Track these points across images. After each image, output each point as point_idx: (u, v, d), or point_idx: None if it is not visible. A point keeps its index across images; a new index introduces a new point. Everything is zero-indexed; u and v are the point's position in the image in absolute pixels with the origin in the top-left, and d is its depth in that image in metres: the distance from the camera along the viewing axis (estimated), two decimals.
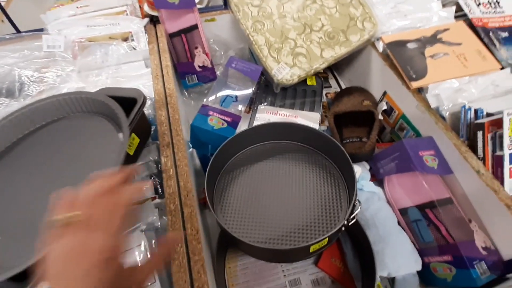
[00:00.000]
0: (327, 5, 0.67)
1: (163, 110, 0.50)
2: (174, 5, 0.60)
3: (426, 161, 0.49)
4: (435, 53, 0.59)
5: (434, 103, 0.52)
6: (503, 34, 0.67)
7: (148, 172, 0.46)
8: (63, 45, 0.56)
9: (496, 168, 0.45)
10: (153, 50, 0.61)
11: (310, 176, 0.50)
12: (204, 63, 0.66)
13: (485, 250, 0.43)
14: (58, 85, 0.55)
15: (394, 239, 0.47)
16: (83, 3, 0.63)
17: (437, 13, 0.66)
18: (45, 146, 0.41)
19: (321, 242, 0.38)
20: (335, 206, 0.45)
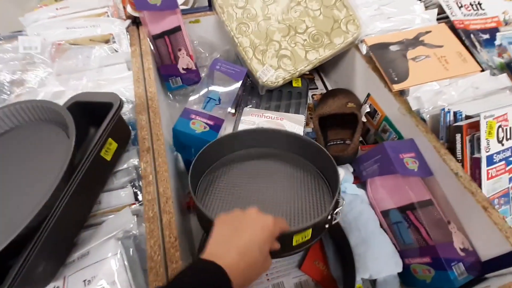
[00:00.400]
0: (311, 7, 0.67)
1: (144, 114, 0.49)
2: (155, 6, 0.59)
3: (407, 163, 0.49)
4: (417, 56, 0.59)
5: (415, 105, 0.53)
6: (484, 36, 0.69)
7: (128, 178, 0.45)
8: (40, 46, 0.55)
9: (474, 170, 0.46)
10: (135, 52, 0.60)
11: (293, 178, 0.50)
12: (188, 65, 0.65)
13: (463, 251, 0.43)
14: (37, 88, 0.53)
15: (376, 242, 0.47)
16: (63, 5, 0.61)
17: (420, 16, 0.67)
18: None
19: (304, 234, 0.37)
20: (319, 203, 0.45)
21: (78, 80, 0.55)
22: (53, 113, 0.40)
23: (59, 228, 0.35)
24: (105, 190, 0.44)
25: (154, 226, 0.37)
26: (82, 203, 0.39)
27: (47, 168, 0.37)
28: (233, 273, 0.26)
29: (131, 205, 0.43)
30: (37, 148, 0.41)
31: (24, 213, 0.31)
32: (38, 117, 0.43)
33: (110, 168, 0.44)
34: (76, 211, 0.38)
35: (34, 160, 0.39)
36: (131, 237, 0.38)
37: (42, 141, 0.41)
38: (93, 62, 0.56)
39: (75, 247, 0.38)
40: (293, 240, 0.37)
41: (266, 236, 0.30)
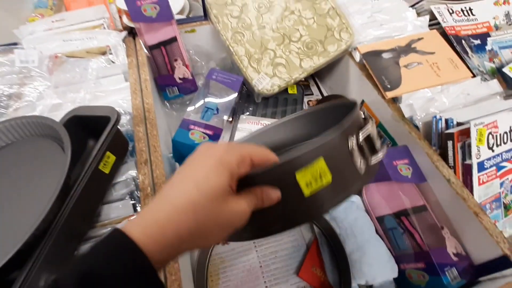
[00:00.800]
0: (305, 16, 0.68)
1: (141, 126, 0.50)
2: (151, 18, 0.60)
3: (400, 170, 0.50)
4: (409, 63, 0.61)
5: (407, 112, 0.54)
6: (475, 42, 0.70)
7: (127, 190, 0.46)
8: (37, 60, 0.55)
9: (466, 176, 0.47)
10: (131, 63, 0.60)
11: None
12: (185, 75, 0.66)
13: (456, 256, 0.44)
14: (35, 102, 0.54)
15: (371, 248, 0.48)
16: (59, 17, 0.62)
17: (412, 22, 0.68)
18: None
19: (314, 169, 0.23)
20: None
21: (76, 92, 0.55)
22: (49, 128, 0.41)
23: (59, 242, 0.35)
24: (104, 202, 0.44)
25: None
26: (81, 216, 0.40)
27: (45, 183, 0.38)
28: (151, 240, 0.19)
29: (130, 216, 0.43)
30: (34, 163, 0.41)
31: (22, 229, 0.32)
32: (35, 132, 0.43)
33: (108, 181, 0.44)
34: (76, 224, 0.39)
35: (31, 175, 0.40)
36: None
37: (39, 156, 0.41)
38: (90, 75, 0.57)
39: None
40: (298, 183, 0.23)
41: (210, 167, 0.21)
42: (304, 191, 0.23)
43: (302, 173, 0.23)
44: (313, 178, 0.23)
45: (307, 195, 0.23)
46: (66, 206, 0.37)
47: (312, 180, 0.23)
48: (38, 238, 0.34)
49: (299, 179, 0.23)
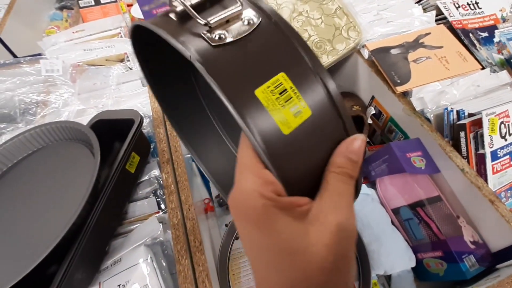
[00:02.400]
0: (313, 17, 0.70)
1: (161, 128, 0.52)
2: None
3: (414, 162, 0.51)
4: (417, 58, 0.62)
5: (418, 106, 0.55)
6: (483, 34, 0.71)
7: (151, 188, 0.48)
8: (61, 69, 0.59)
9: (479, 165, 0.48)
10: None
11: None
12: None
13: (473, 244, 0.45)
14: (60, 108, 0.57)
15: (388, 238, 0.49)
16: (79, 28, 0.65)
17: (419, 18, 0.69)
18: (30, 174, 0.43)
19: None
20: None
21: (98, 98, 0.58)
22: (79, 133, 0.44)
23: (93, 237, 0.38)
24: (130, 201, 0.47)
25: (179, 232, 0.40)
26: (112, 214, 0.42)
27: (77, 183, 0.40)
28: None
29: (155, 213, 0.46)
30: (65, 165, 0.44)
31: (59, 225, 0.34)
32: (64, 137, 0.46)
33: (134, 180, 0.47)
34: (107, 221, 0.41)
35: (63, 176, 0.43)
36: (158, 243, 0.41)
37: (69, 159, 0.44)
38: (111, 81, 0.60)
39: (107, 255, 0.41)
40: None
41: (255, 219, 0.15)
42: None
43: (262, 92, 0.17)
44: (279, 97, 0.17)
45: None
46: (98, 204, 0.39)
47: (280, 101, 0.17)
48: (74, 233, 0.36)
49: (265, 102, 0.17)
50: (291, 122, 0.17)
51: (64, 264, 0.35)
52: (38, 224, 0.38)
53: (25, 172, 0.44)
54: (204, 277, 0.37)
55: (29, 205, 0.40)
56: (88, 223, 0.37)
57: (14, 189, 0.42)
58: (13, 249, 0.36)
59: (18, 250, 0.36)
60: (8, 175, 0.44)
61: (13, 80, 0.60)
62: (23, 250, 0.36)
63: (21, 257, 0.35)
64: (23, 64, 0.62)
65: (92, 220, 0.38)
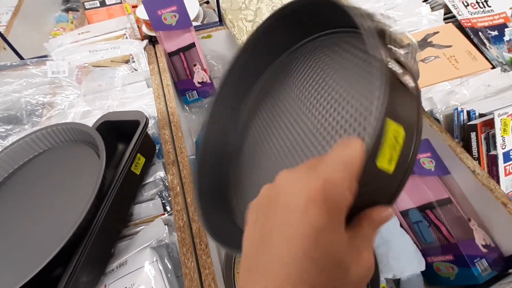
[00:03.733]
0: None
1: (167, 129, 0.52)
2: (171, 26, 0.63)
3: (423, 163, 0.50)
4: (426, 57, 0.61)
5: (427, 106, 0.54)
6: (493, 33, 0.69)
7: (156, 190, 0.48)
8: (67, 70, 0.59)
9: (491, 167, 0.47)
10: (153, 70, 0.63)
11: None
12: (203, 79, 0.68)
13: (485, 247, 0.44)
14: (66, 110, 0.57)
15: (397, 242, 0.48)
16: (84, 30, 0.66)
17: (426, 17, 0.68)
18: (35, 176, 0.43)
19: (391, 135, 0.17)
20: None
21: (104, 99, 0.58)
22: (84, 134, 0.43)
23: (99, 240, 0.37)
24: (135, 202, 0.46)
25: (185, 234, 0.40)
26: (117, 216, 0.42)
27: (83, 185, 0.40)
28: None
29: (160, 215, 0.45)
30: (71, 167, 0.44)
31: (65, 228, 0.34)
32: (70, 138, 0.46)
33: (139, 182, 0.46)
34: (113, 223, 0.41)
35: (69, 178, 0.42)
36: (164, 245, 0.41)
37: (75, 160, 0.44)
38: (117, 82, 0.59)
39: (113, 257, 0.40)
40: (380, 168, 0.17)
41: (317, 219, 0.15)
42: (389, 170, 0.17)
43: (381, 156, 0.16)
44: (391, 149, 0.17)
45: (392, 171, 0.17)
46: (104, 206, 0.39)
47: (391, 152, 0.17)
48: (80, 236, 0.36)
49: (380, 164, 0.16)
50: (391, 164, 0.17)
51: (70, 266, 0.34)
52: (44, 226, 0.38)
53: (31, 174, 0.44)
54: (210, 280, 0.36)
55: (35, 207, 0.40)
56: (93, 225, 0.37)
57: (20, 191, 0.42)
58: (19, 251, 0.36)
59: (24, 252, 0.36)
60: (14, 177, 0.44)
61: (19, 81, 0.60)
62: (29, 253, 0.36)
63: (27, 259, 0.35)
64: (30, 66, 0.62)
65: (97, 222, 0.37)
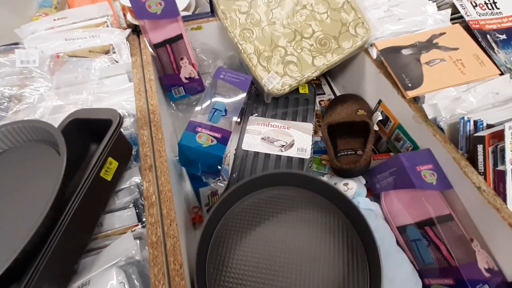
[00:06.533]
0: (318, 11, 0.64)
1: (146, 129, 0.47)
2: (156, 15, 0.57)
3: (424, 176, 0.46)
4: (431, 60, 0.56)
5: (431, 113, 0.50)
6: (501, 36, 0.65)
7: (130, 197, 0.43)
8: (38, 60, 0.53)
9: (498, 183, 0.43)
10: (136, 63, 0.58)
11: (320, 233, 0.45)
12: (191, 74, 0.63)
13: (488, 271, 0.40)
14: (36, 104, 0.52)
15: (393, 261, 0.44)
16: (61, 15, 0.60)
17: (432, 16, 0.64)
18: None
19: None
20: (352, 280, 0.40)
21: (78, 93, 0.53)
22: (45, 133, 0.38)
23: (59, 253, 0.33)
24: (106, 212, 0.42)
25: (158, 252, 0.35)
26: (82, 226, 0.37)
27: (40, 192, 0.35)
28: None
29: (133, 226, 0.41)
30: (31, 170, 0.39)
31: (19, 238, 0.29)
32: (31, 138, 0.40)
33: (111, 188, 0.42)
34: (77, 235, 0.36)
35: (27, 183, 0.37)
36: (133, 263, 0.36)
37: (36, 163, 0.39)
38: (93, 75, 0.54)
39: (75, 275, 0.36)
40: None
41: None
42: None
43: None
44: None
45: None
46: (65, 215, 0.34)
47: None
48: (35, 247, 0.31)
49: None
50: None
51: (23, 282, 0.30)
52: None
53: None
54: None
55: None
56: (51, 238, 0.32)
57: None
58: None
59: None
60: None
61: None
62: None
63: None
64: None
65: (57, 233, 0.33)
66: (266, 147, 0.62)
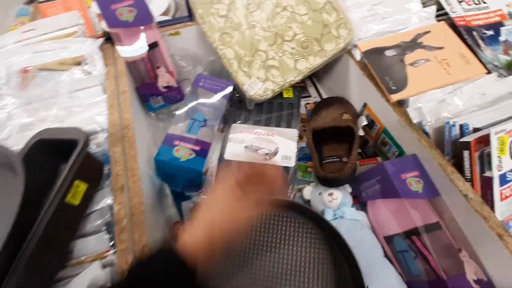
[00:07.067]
0: (299, 12, 0.62)
1: (118, 146, 0.45)
2: (128, 23, 0.55)
3: (410, 184, 0.45)
4: (415, 60, 0.54)
5: (416, 117, 0.48)
6: (488, 32, 0.63)
7: (102, 220, 0.41)
8: (5, 76, 0.50)
9: (485, 190, 0.41)
10: (109, 74, 0.55)
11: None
12: (169, 83, 0.61)
13: (477, 283, 0.39)
14: (4, 123, 0.49)
15: (379, 274, 0.43)
16: (29, 27, 0.57)
17: (417, 14, 0.62)
18: None
19: None
20: None
21: (49, 109, 0.50)
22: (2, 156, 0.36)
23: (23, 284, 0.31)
24: (78, 236, 0.40)
25: None
26: (48, 254, 0.35)
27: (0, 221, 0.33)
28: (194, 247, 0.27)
29: (105, 252, 0.38)
30: None
31: None
32: None
33: (80, 213, 0.39)
34: (42, 264, 0.34)
35: None
36: None
37: None
38: (63, 88, 0.52)
39: None
40: None
41: (221, 189, 0.32)
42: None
43: None
44: None
45: None
46: (27, 244, 0.32)
47: None
48: None
49: None
50: None
51: None
52: None
53: None
54: None
55: None
56: (13, 266, 0.30)
57: None
58: None
59: None
60: None
61: None
62: None
63: None
64: None
65: (18, 264, 0.31)
66: (250, 156, 0.60)
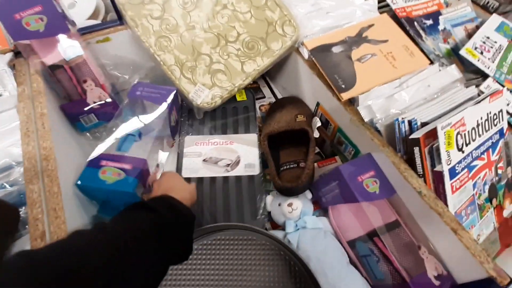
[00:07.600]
0: (240, 10, 0.57)
1: (36, 183, 0.37)
2: (38, 33, 0.46)
3: (367, 186, 0.44)
4: (362, 56, 0.53)
5: (367, 116, 0.47)
6: (428, 22, 0.64)
7: None
8: None
9: (437, 184, 0.41)
10: (22, 94, 0.47)
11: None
12: (101, 97, 0.53)
13: (437, 279, 0.39)
14: None
15: (347, 281, 0.41)
16: None
17: (360, 7, 0.61)
18: None
19: None
20: None
21: None
22: None
23: None
24: None
25: None
26: None
27: None
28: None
29: None
30: None
31: None
32: None
33: None
34: None
35: None
36: None
37: None
38: None
39: None
40: None
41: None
42: None
43: None
44: None
45: None
46: None
47: None
48: None
49: None
50: None
51: None
52: None
53: None
54: None
55: None
56: None
57: None
58: None
59: None
60: None
61: None
62: None
63: None
64: None
65: None
66: (210, 170, 0.55)
